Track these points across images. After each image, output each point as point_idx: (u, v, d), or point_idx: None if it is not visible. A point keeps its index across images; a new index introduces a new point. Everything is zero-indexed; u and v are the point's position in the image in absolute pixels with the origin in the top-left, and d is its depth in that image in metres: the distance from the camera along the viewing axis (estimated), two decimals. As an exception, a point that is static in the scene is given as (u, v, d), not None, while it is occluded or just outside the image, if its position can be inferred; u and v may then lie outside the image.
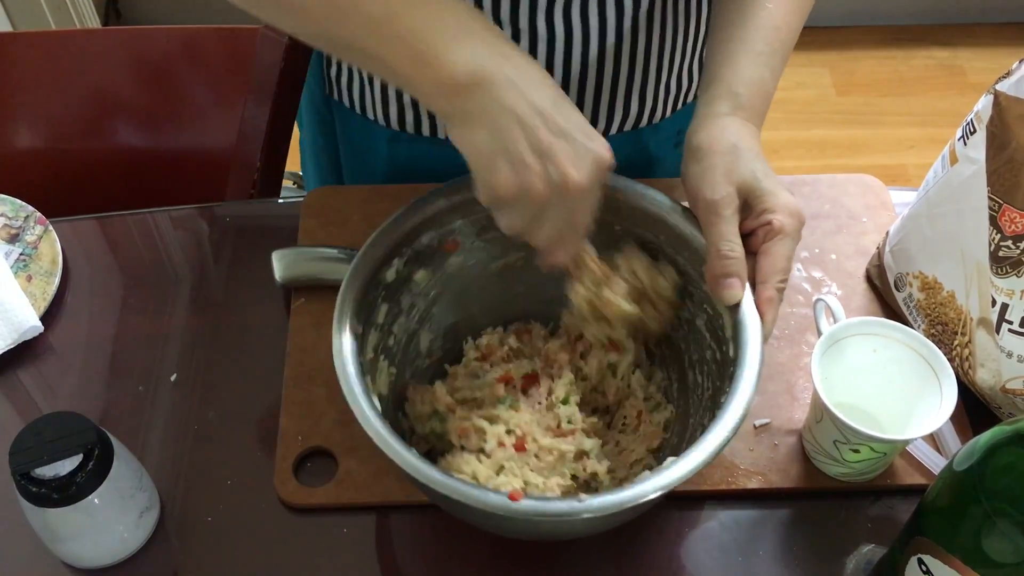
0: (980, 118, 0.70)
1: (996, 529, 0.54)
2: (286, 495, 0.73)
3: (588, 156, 0.60)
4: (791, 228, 0.65)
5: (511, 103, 0.58)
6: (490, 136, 0.58)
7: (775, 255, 0.65)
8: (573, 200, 0.60)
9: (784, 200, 0.65)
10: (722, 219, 0.65)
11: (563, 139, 0.59)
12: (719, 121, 0.68)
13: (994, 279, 0.70)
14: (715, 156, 0.66)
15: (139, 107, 1.21)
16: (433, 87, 0.59)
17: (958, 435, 0.75)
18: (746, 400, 0.61)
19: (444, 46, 0.58)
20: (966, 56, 2.47)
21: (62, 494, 0.64)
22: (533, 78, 0.59)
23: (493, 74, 0.58)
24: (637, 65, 0.88)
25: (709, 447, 0.59)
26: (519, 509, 0.57)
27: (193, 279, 0.90)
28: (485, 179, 0.60)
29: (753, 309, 0.65)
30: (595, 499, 0.57)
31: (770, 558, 0.72)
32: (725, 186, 0.65)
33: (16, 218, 0.92)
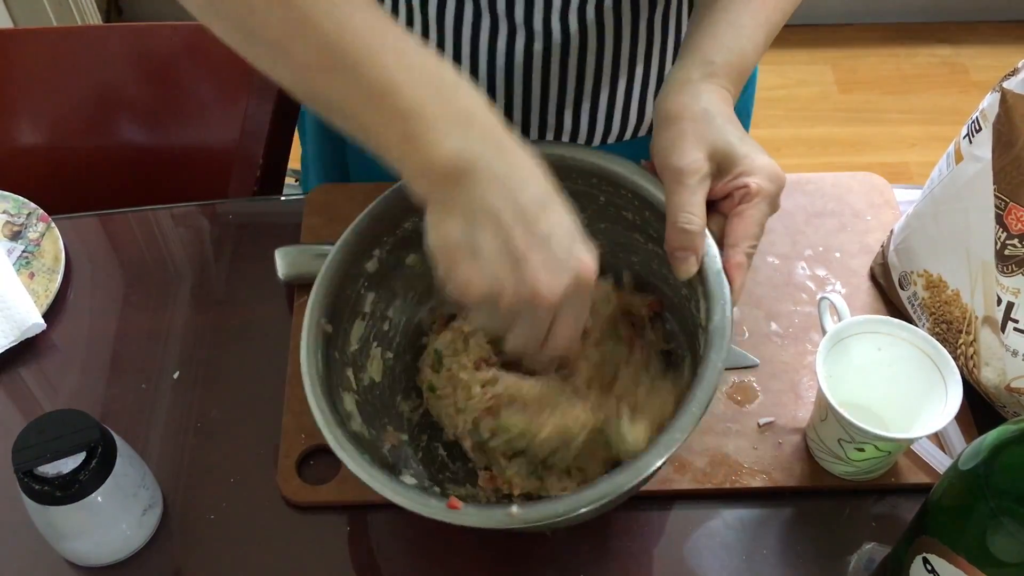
0: (986, 116, 0.70)
1: (1002, 528, 0.54)
2: (289, 493, 0.73)
3: (566, 267, 0.55)
4: (768, 191, 0.62)
5: (491, 200, 0.54)
6: (462, 230, 0.55)
7: (748, 219, 0.62)
8: (544, 312, 0.57)
9: (762, 162, 0.62)
10: (684, 187, 0.61)
11: (541, 246, 0.55)
12: (689, 87, 0.64)
13: (1000, 277, 0.70)
14: (684, 122, 0.63)
15: (141, 104, 1.21)
16: (418, 169, 0.55)
17: (963, 434, 0.75)
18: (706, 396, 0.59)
19: (438, 130, 0.54)
20: (969, 54, 2.46)
21: (65, 492, 0.64)
22: (524, 175, 0.56)
23: (480, 166, 0.54)
24: (652, 66, 0.87)
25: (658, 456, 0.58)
26: (457, 515, 0.57)
27: (195, 276, 0.90)
28: (451, 276, 0.56)
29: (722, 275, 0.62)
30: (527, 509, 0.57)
31: (774, 557, 0.71)
32: (694, 152, 0.62)
33: (18, 215, 0.92)
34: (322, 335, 0.66)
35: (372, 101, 0.54)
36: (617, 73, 0.85)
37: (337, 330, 0.68)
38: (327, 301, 0.67)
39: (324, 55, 0.54)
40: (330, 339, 0.67)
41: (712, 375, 0.60)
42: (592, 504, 0.57)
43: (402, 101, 0.54)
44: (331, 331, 0.67)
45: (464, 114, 0.55)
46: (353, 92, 0.54)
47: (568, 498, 0.58)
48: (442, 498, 0.59)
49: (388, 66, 0.54)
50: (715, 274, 0.62)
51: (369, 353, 0.71)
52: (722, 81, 0.65)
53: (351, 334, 0.70)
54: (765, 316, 0.84)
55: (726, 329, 0.61)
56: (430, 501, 0.59)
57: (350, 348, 0.69)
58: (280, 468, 0.74)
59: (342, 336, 0.69)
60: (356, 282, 0.70)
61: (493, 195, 0.54)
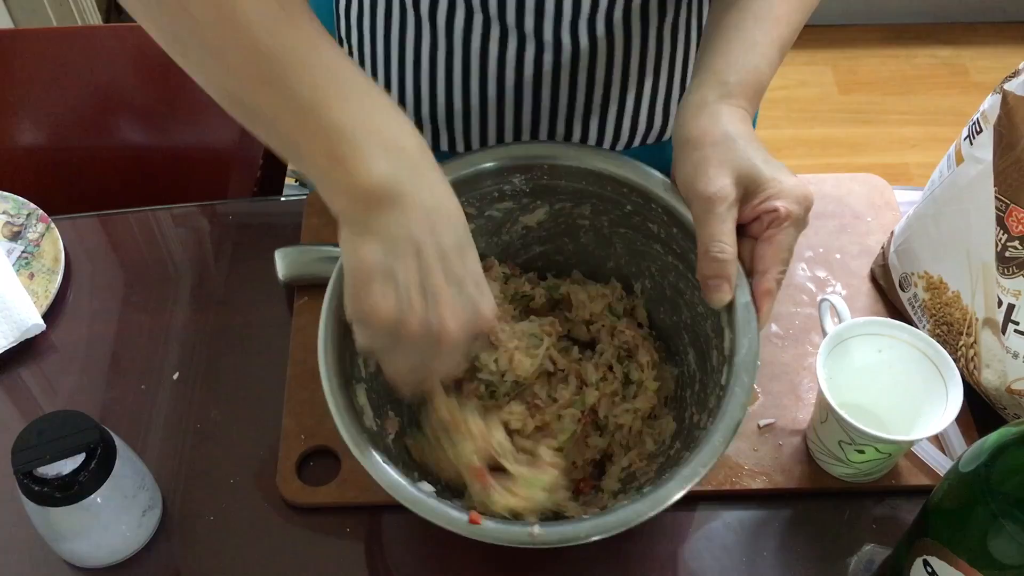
0: (987, 118, 0.70)
1: (1003, 531, 0.54)
2: (289, 494, 0.73)
3: (472, 311, 0.57)
4: (797, 215, 0.61)
5: (417, 232, 0.54)
6: (383, 256, 0.54)
7: (778, 244, 0.62)
8: (440, 348, 0.57)
9: (790, 185, 0.62)
10: (715, 217, 0.61)
11: (455, 287, 0.56)
12: (707, 109, 0.64)
13: (1000, 279, 0.70)
14: (707, 147, 0.62)
15: (141, 104, 1.20)
16: (341, 188, 0.55)
17: (963, 436, 0.75)
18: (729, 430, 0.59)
19: (366, 152, 0.53)
20: (969, 55, 2.46)
21: (64, 493, 0.64)
22: (447, 213, 0.56)
23: (407, 195, 0.54)
24: (662, 76, 0.87)
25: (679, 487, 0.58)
26: (478, 531, 0.58)
27: (195, 277, 0.90)
28: (360, 296, 0.55)
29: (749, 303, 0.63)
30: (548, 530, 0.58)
31: (774, 558, 0.71)
32: (720, 178, 0.61)
33: (18, 216, 0.92)
34: (340, 327, 0.65)
35: (299, 115, 0.54)
36: (627, 83, 0.85)
37: None
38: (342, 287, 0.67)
39: (255, 63, 0.53)
40: (347, 329, 0.66)
41: (736, 410, 0.60)
42: (610, 531, 0.58)
43: (330, 118, 0.53)
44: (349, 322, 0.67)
45: (394, 140, 0.54)
46: (281, 104, 0.54)
47: (589, 522, 0.59)
48: (462, 510, 0.59)
49: (319, 82, 0.53)
50: (743, 305, 0.63)
51: None
52: (739, 101, 0.65)
53: None
54: (765, 317, 0.83)
55: (753, 363, 0.61)
56: (451, 513, 0.59)
57: None
58: (280, 469, 0.74)
59: None
60: None
61: (418, 227, 0.54)
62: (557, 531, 0.58)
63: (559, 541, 0.58)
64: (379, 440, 0.65)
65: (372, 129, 0.54)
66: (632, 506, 0.58)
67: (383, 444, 0.65)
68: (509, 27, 0.78)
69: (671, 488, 0.58)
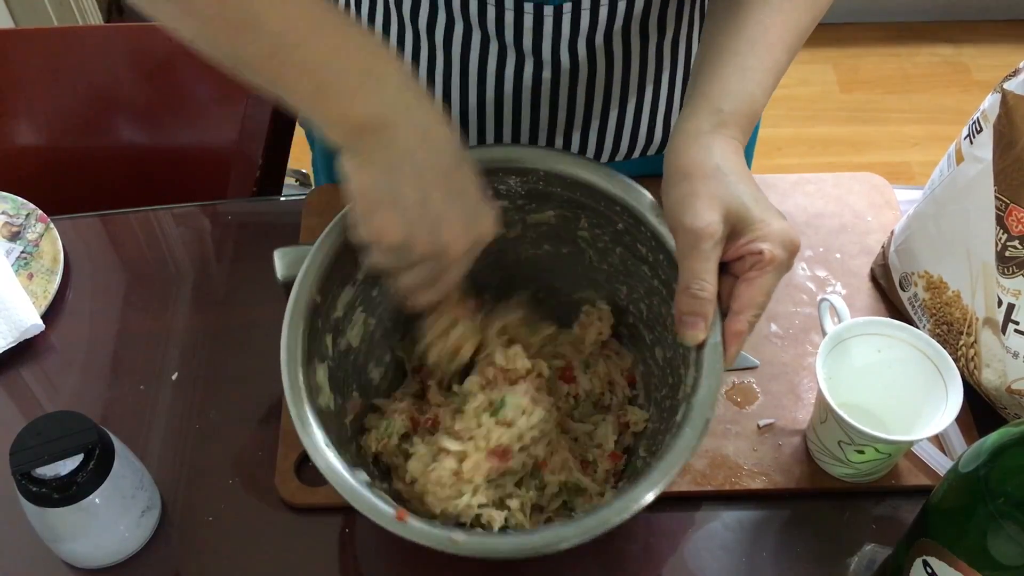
0: (987, 117, 0.70)
1: (1002, 532, 0.54)
2: (288, 495, 0.73)
3: (474, 224, 0.60)
4: (782, 260, 0.60)
5: (413, 156, 0.56)
6: (385, 180, 0.57)
7: (757, 287, 0.60)
8: (448, 262, 0.60)
9: (778, 228, 0.60)
10: (699, 253, 0.60)
11: (456, 203, 0.58)
12: (700, 140, 0.63)
13: (1000, 279, 0.70)
14: (697, 180, 0.61)
15: (141, 104, 1.20)
16: (333, 119, 0.57)
17: (963, 436, 0.74)
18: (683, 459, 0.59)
19: (348, 81, 0.55)
20: (970, 53, 2.46)
21: (63, 494, 0.64)
22: (441, 132, 0.58)
23: (400, 121, 0.56)
24: (661, 89, 0.86)
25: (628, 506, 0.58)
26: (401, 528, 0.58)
27: (195, 277, 0.90)
28: (368, 220, 0.59)
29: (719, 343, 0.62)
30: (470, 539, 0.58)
31: (773, 559, 0.71)
32: (709, 213, 0.60)
33: (17, 216, 0.92)
34: (311, 305, 0.67)
35: (277, 54, 0.55)
36: (626, 96, 0.85)
37: (325, 299, 0.69)
38: (321, 271, 0.68)
39: (229, 8, 0.54)
40: (317, 308, 0.68)
41: (684, 451, 0.59)
42: (532, 552, 0.57)
43: (310, 54, 0.55)
44: (320, 301, 0.68)
45: (377, 68, 0.56)
46: (258, 46, 0.55)
47: (512, 537, 0.59)
48: (391, 506, 0.59)
49: (294, 20, 0.55)
50: (712, 346, 0.62)
51: (352, 318, 0.72)
52: (732, 131, 0.64)
53: (338, 300, 0.71)
54: (765, 317, 0.83)
55: (711, 407, 0.60)
56: (379, 506, 0.58)
57: (334, 314, 0.71)
58: (278, 470, 0.74)
59: (329, 303, 0.70)
60: (354, 253, 0.70)
61: (415, 151, 0.56)
62: (478, 541, 0.58)
63: (480, 551, 0.58)
64: (332, 420, 0.65)
65: (353, 60, 0.56)
66: (556, 530, 0.58)
67: (338, 424, 0.66)
68: (508, 45, 0.78)
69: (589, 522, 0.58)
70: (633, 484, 0.59)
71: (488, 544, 0.59)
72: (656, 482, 0.58)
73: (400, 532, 0.58)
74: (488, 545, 0.59)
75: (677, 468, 0.58)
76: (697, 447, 0.59)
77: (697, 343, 0.62)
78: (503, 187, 0.71)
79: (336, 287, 0.70)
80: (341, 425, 0.68)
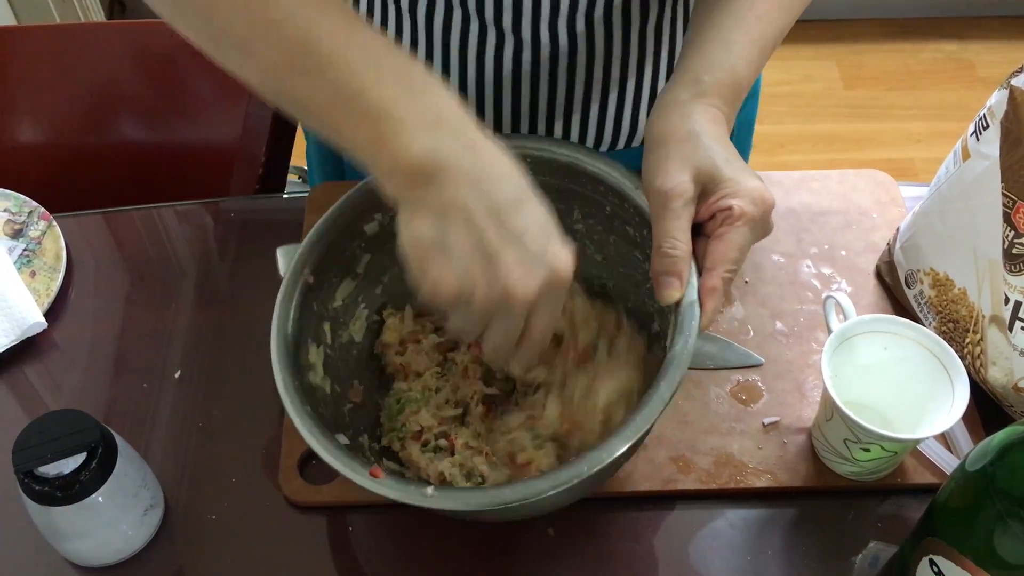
0: (993, 113, 0.69)
1: (1009, 530, 0.54)
2: (291, 493, 0.73)
3: (540, 263, 0.54)
4: (752, 215, 0.60)
5: (463, 198, 0.53)
6: (434, 229, 0.53)
7: (727, 242, 0.60)
8: (519, 310, 0.55)
9: (748, 185, 0.60)
10: (669, 212, 0.60)
11: (513, 243, 0.53)
12: (679, 108, 0.63)
13: (1007, 276, 0.69)
14: (671, 144, 0.61)
15: (143, 101, 1.20)
16: (388, 169, 0.55)
17: (970, 434, 0.74)
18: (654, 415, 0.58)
19: (407, 130, 0.53)
20: (975, 49, 2.45)
21: (65, 492, 0.64)
22: (499, 172, 0.55)
23: (451, 164, 0.53)
24: (645, 77, 0.86)
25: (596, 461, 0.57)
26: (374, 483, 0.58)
27: (198, 275, 0.89)
28: (420, 273, 0.55)
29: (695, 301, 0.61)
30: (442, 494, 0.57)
31: (778, 557, 0.71)
32: (678, 174, 0.60)
33: (20, 213, 0.91)
34: (303, 284, 0.67)
35: (340, 102, 0.54)
36: (609, 83, 0.84)
37: (321, 282, 0.68)
38: (315, 253, 0.68)
39: (290, 56, 0.54)
40: (311, 289, 0.68)
41: (657, 404, 0.58)
42: (503, 505, 0.56)
43: (370, 102, 0.53)
44: (313, 282, 0.68)
45: (433, 112, 0.54)
46: (320, 93, 0.54)
47: (485, 492, 0.58)
48: (366, 463, 0.59)
49: (355, 66, 0.53)
50: (688, 304, 0.61)
51: (355, 313, 0.72)
52: (712, 100, 0.63)
53: (337, 290, 0.71)
54: (770, 315, 0.83)
55: (685, 361, 0.60)
56: (353, 464, 0.59)
57: (333, 303, 0.70)
58: (282, 468, 0.73)
59: (326, 290, 0.70)
60: (352, 241, 0.71)
61: (464, 192, 0.53)
62: (450, 495, 0.58)
63: (453, 507, 0.57)
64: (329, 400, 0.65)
65: (410, 106, 0.54)
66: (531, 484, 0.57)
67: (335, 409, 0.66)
68: (488, 23, 0.78)
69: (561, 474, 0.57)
70: (609, 438, 0.58)
71: (459, 497, 0.58)
72: (629, 436, 0.57)
73: (372, 487, 0.57)
74: (459, 498, 0.58)
75: (651, 421, 0.58)
76: (670, 400, 0.58)
77: (673, 301, 0.61)
78: None
79: (333, 276, 0.70)
80: (339, 412, 0.68)
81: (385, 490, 0.58)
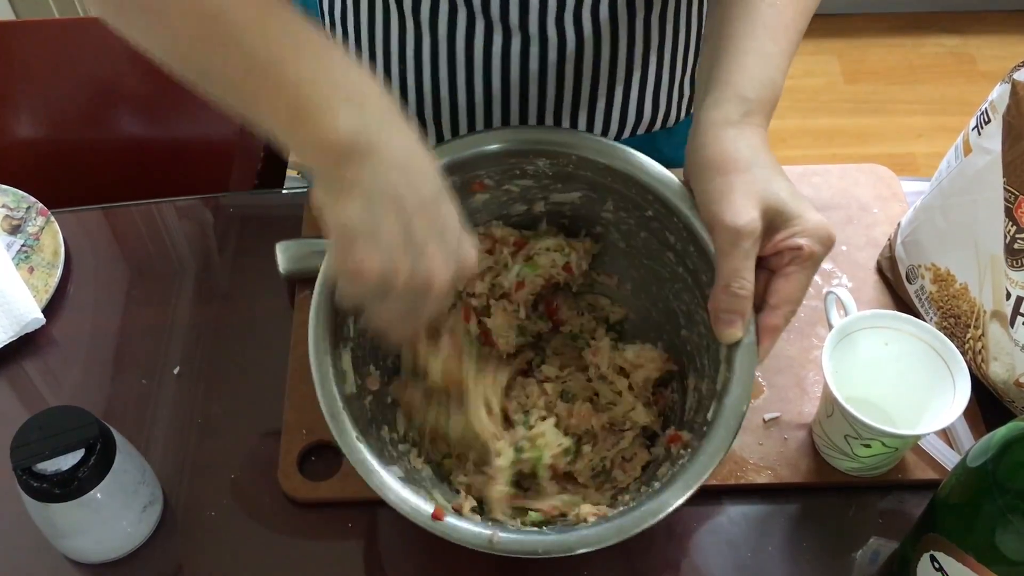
0: (995, 107, 0.69)
1: (1011, 526, 0.53)
2: (290, 489, 0.72)
3: (455, 260, 0.56)
4: (820, 255, 0.60)
5: (394, 185, 0.53)
6: (364, 212, 0.53)
7: (794, 282, 0.60)
8: (428, 299, 0.57)
9: (815, 224, 0.60)
10: (740, 251, 0.59)
11: (437, 237, 0.55)
12: (729, 132, 0.62)
13: (1009, 272, 0.69)
14: (732, 174, 0.60)
15: (142, 96, 1.20)
16: (309, 143, 0.54)
17: (971, 430, 0.74)
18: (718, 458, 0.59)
19: (331, 106, 0.52)
20: (976, 44, 2.44)
21: (64, 489, 0.63)
22: (422, 165, 0.56)
23: (379, 148, 0.53)
24: (650, 68, 0.86)
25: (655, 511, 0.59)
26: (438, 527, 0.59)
27: (197, 271, 0.89)
28: (346, 254, 0.55)
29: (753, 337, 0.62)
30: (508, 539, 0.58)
31: (779, 553, 0.71)
32: (747, 210, 0.59)
33: (18, 209, 0.91)
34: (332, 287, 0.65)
35: (256, 73, 0.53)
36: (615, 75, 0.84)
37: None
38: None
39: (205, 26, 0.53)
40: None
41: (717, 452, 0.59)
42: (570, 551, 0.58)
43: (289, 73, 0.53)
44: None
45: (358, 92, 0.54)
46: (235, 64, 0.53)
47: (551, 537, 0.59)
48: (429, 503, 0.60)
49: (273, 38, 0.53)
50: (746, 345, 0.62)
51: None
52: (758, 119, 0.63)
53: None
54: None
55: (742, 410, 0.61)
56: (418, 504, 0.60)
57: None
58: (281, 464, 0.73)
59: None
60: None
61: (395, 180, 0.54)
62: (516, 540, 0.59)
63: (517, 551, 0.58)
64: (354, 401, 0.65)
65: (334, 82, 0.53)
66: (594, 530, 0.59)
67: (359, 405, 0.65)
68: (494, 21, 0.77)
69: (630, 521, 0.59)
70: (669, 484, 0.59)
71: (525, 543, 0.59)
72: (690, 484, 0.59)
73: (437, 531, 0.59)
74: (525, 544, 0.59)
75: (712, 466, 0.59)
76: (731, 446, 0.60)
77: (734, 341, 0.62)
78: (531, 167, 0.70)
79: None
80: (361, 407, 0.67)
81: (447, 533, 0.59)
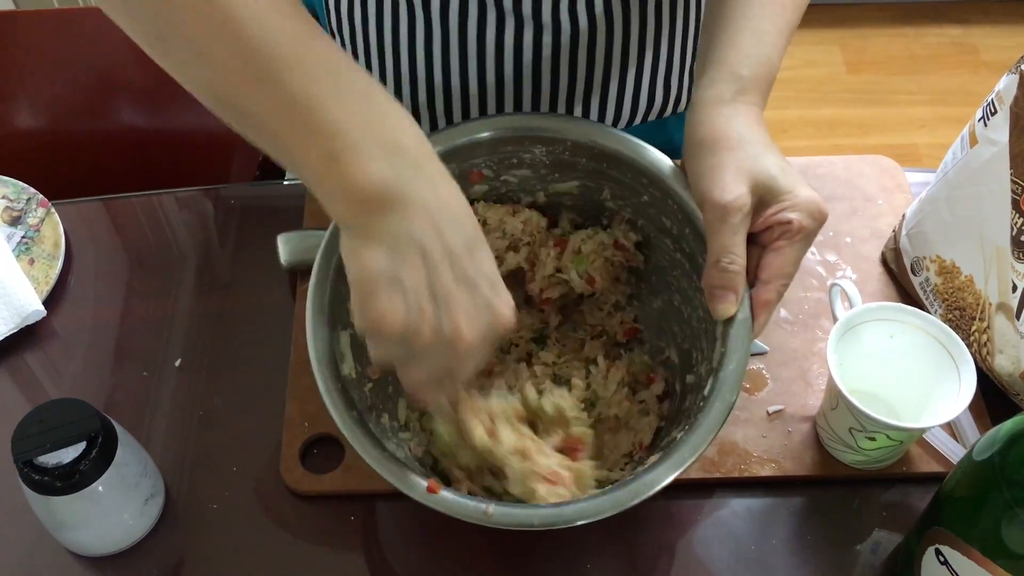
0: (1002, 98, 0.69)
1: (1017, 520, 0.53)
2: (292, 482, 0.72)
3: (487, 313, 0.54)
4: (811, 229, 0.60)
5: (421, 234, 0.51)
6: (388, 261, 0.51)
7: (785, 256, 0.60)
8: (458, 355, 0.54)
9: (805, 197, 0.60)
10: (729, 227, 0.59)
11: (466, 289, 0.53)
12: (722, 109, 0.62)
13: (1015, 264, 0.69)
14: (723, 151, 0.61)
15: (142, 87, 1.20)
16: (339, 191, 0.51)
17: (976, 423, 0.74)
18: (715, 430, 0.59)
19: (365, 152, 0.50)
20: (979, 34, 2.44)
21: (65, 482, 0.63)
22: (454, 213, 0.53)
23: (409, 196, 0.51)
24: (661, 53, 0.86)
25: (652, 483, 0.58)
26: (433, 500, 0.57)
27: (198, 262, 0.89)
28: (367, 306, 0.52)
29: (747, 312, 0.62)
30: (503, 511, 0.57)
31: (783, 546, 0.71)
32: (737, 186, 0.59)
33: (18, 200, 0.91)
34: (335, 270, 0.64)
35: (293, 114, 0.50)
36: (627, 61, 0.84)
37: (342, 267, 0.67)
38: None
39: (245, 59, 0.50)
40: (339, 272, 0.64)
41: (714, 424, 0.59)
42: (567, 523, 0.57)
43: (326, 117, 0.50)
44: None
45: (393, 138, 0.52)
46: (273, 103, 0.51)
47: (548, 510, 0.58)
48: (423, 477, 0.58)
49: (314, 78, 0.50)
50: (741, 321, 0.62)
51: None
52: (753, 97, 0.63)
53: None
54: (774, 302, 0.82)
55: (738, 382, 0.60)
56: (411, 478, 0.58)
57: None
58: (283, 457, 0.73)
59: None
60: None
61: (423, 229, 0.51)
62: (510, 513, 0.57)
63: (511, 524, 0.57)
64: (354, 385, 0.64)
65: (369, 127, 0.51)
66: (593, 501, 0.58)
67: (359, 391, 0.64)
68: (506, 11, 0.77)
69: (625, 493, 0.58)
70: (667, 455, 0.59)
71: (521, 516, 0.58)
72: (686, 457, 0.58)
73: (431, 503, 0.57)
74: (521, 517, 0.57)
75: (710, 439, 0.59)
76: (727, 417, 0.59)
77: (728, 316, 0.62)
78: (528, 156, 0.70)
79: None
80: (361, 393, 0.66)
81: (441, 506, 0.57)
